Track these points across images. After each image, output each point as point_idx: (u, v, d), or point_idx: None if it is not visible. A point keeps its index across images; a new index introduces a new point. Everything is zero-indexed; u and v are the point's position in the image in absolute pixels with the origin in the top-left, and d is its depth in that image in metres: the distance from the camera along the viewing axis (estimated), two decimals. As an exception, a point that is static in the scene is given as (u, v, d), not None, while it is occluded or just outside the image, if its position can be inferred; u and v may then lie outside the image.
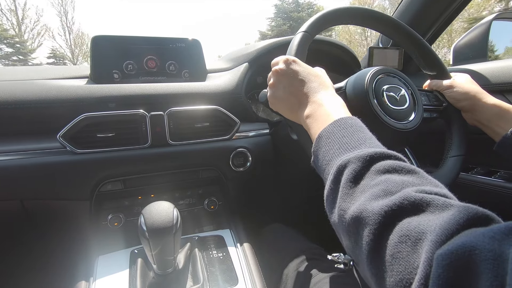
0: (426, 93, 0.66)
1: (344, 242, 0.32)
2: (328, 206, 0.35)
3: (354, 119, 0.40)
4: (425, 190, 0.27)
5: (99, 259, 0.64)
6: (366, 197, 0.29)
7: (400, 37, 0.64)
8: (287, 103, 0.48)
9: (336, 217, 0.32)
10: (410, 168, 0.31)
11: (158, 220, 0.51)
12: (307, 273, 0.62)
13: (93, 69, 0.72)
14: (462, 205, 0.24)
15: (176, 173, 0.75)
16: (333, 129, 0.39)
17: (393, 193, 0.28)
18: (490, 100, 0.59)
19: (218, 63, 0.92)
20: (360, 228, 0.28)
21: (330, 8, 0.59)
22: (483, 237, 0.20)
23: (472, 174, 0.81)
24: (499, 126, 0.57)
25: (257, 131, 0.81)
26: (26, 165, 0.61)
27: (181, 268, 0.61)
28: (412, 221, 0.25)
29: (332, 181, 0.34)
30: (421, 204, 0.25)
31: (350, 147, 0.35)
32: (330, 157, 0.37)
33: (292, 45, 0.54)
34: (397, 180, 0.29)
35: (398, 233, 0.25)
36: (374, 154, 0.33)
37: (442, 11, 0.91)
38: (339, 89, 0.56)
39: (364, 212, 0.28)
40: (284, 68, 0.48)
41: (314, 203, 1.10)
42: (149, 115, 0.66)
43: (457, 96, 0.62)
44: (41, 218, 0.72)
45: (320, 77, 0.47)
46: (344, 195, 0.32)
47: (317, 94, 0.45)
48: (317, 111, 0.43)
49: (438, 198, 0.26)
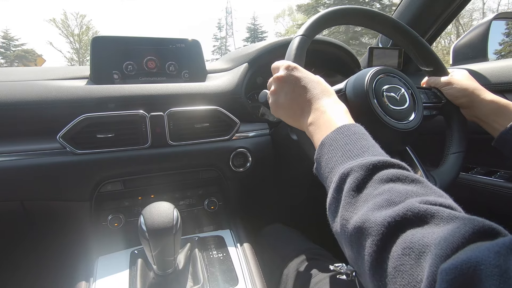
0: (425, 90, 0.66)
1: (346, 252, 0.32)
2: (330, 215, 0.34)
3: (357, 126, 0.39)
4: (429, 201, 0.27)
5: (99, 260, 0.64)
6: (369, 207, 0.29)
7: (397, 35, 0.64)
8: (290, 110, 0.48)
9: (338, 226, 0.32)
10: (414, 177, 0.31)
11: (158, 220, 0.51)
12: (307, 273, 0.62)
13: (93, 70, 0.72)
14: (467, 218, 0.24)
15: (176, 174, 0.75)
16: (336, 136, 0.38)
17: (397, 203, 0.27)
18: (488, 96, 0.59)
19: (218, 64, 0.92)
20: (362, 239, 0.28)
21: (326, 10, 0.59)
22: (488, 252, 0.19)
23: (472, 174, 0.81)
24: (497, 122, 0.57)
25: (257, 131, 0.81)
26: (26, 166, 0.61)
27: (181, 268, 0.61)
28: (416, 233, 0.24)
29: (334, 190, 0.34)
30: (425, 215, 0.25)
31: (353, 154, 0.35)
32: (332, 165, 0.36)
33: (291, 49, 0.54)
34: (401, 190, 0.29)
35: (401, 245, 0.24)
36: (377, 163, 0.32)
37: (441, 11, 0.91)
38: (339, 91, 0.56)
39: (367, 223, 0.27)
40: (285, 75, 0.48)
41: (314, 203, 1.10)
42: (149, 115, 0.66)
43: (455, 93, 0.62)
44: (41, 219, 0.72)
45: (321, 84, 0.47)
46: (346, 204, 0.31)
47: (319, 101, 0.44)
48: (319, 118, 0.43)
49: (443, 210, 0.25)
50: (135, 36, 0.77)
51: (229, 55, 0.96)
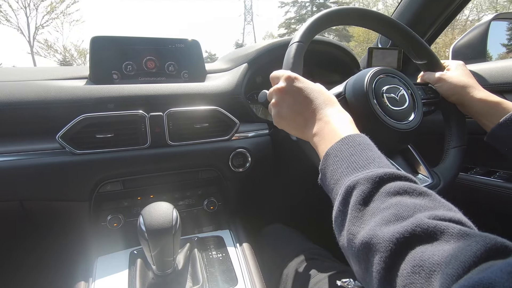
0: (422, 86, 0.66)
1: (353, 268, 0.31)
2: (336, 228, 0.34)
3: (362, 137, 0.39)
4: (438, 216, 0.26)
5: (98, 260, 0.64)
6: (377, 222, 0.28)
7: (389, 31, 0.65)
8: (293, 122, 0.47)
9: (345, 240, 0.31)
10: (422, 190, 0.30)
11: (157, 221, 0.51)
12: (307, 273, 0.62)
13: (92, 70, 0.72)
14: (478, 235, 0.23)
15: (175, 174, 0.75)
16: (340, 147, 0.38)
17: (405, 218, 0.27)
18: (478, 94, 0.59)
19: (217, 64, 0.92)
20: (370, 255, 0.27)
21: (318, 14, 0.59)
22: (502, 273, 0.19)
23: (471, 174, 0.81)
24: (488, 120, 0.58)
25: (256, 131, 0.81)
26: (25, 166, 0.61)
27: (180, 268, 0.61)
28: (426, 251, 0.24)
29: (340, 203, 0.33)
30: (434, 232, 0.24)
31: (359, 166, 0.35)
32: (338, 177, 0.36)
33: (288, 57, 0.54)
34: (408, 204, 0.28)
35: (411, 263, 0.24)
36: (384, 175, 0.32)
37: (441, 11, 0.91)
38: (339, 95, 0.56)
39: (375, 238, 0.27)
40: (286, 86, 0.47)
41: (314, 203, 1.10)
42: (149, 115, 0.66)
43: (446, 90, 0.62)
44: (40, 219, 0.72)
45: (323, 93, 0.46)
46: (353, 218, 0.31)
47: (323, 111, 0.44)
48: (324, 128, 0.42)
49: (453, 226, 0.24)
50: (134, 36, 0.77)
51: (229, 55, 0.96)
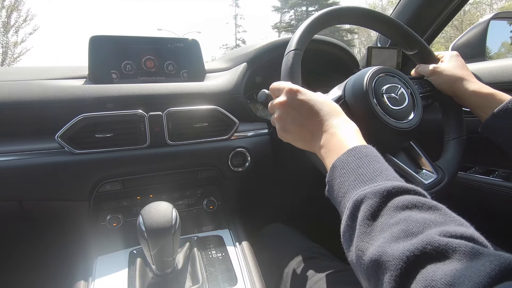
0: (418, 80, 0.65)
1: (363, 284, 0.31)
2: (345, 243, 0.33)
3: (369, 148, 0.39)
4: (450, 232, 0.25)
5: (98, 260, 0.64)
6: (386, 238, 0.27)
7: (378, 25, 0.65)
8: (299, 135, 0.47)
9: (354, 256, 0.31)
10: (431, 204, 0.30)
11: (157, 220, 0.51)
12: (307, 272, 0.62)
13: (91, 69, 0.72)
14: (492, 254, 0.22)
15: (175, 173, 0.75)
16: (347, 158, 0.37)
17: (415, 234, 0.26)
18: (470, 87, 0.59)
19: (217, 63, 0.92)
20: (380, 273, 0.26)
21: (310, 19, 0.59)
22: None
23: (470, 173, 0.81)
24: (482, 111, 0.58)
25: (256, 131, 0.81)
26: (24, 165, 0.61)
27: (180, 268, 0.61)
28: (438, 270, 0.23)
29: (348, 217, 0.33)
30: (446, 250, 0.24)
31: (366, 179, 0.34)
32: (345, 189, 0.35)
33: (286, 67, 0.54)
34: (418, 219, 0.27)
35: (422, 283, 0.23)
36: (392, 189, 0.31)
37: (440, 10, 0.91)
38: (339, 99, 0.56)
39: (384, 256, 0.26)
40: (289, 100, 0.47)
41: (314, 202, 1.10)
42: (148, 115, 0.66)
43: (440, 83, 0.62)
44: (39, 219, 0.72)
45: (327, 104, 0.46)
46: (361, 234, 0.30)
47: (328, 122, 0.44)
48: (330, 140, 0.42)
49: (465, 244, 0.24)
50: (133, 35, 0.77)
51: (228, 54, 0.96)
